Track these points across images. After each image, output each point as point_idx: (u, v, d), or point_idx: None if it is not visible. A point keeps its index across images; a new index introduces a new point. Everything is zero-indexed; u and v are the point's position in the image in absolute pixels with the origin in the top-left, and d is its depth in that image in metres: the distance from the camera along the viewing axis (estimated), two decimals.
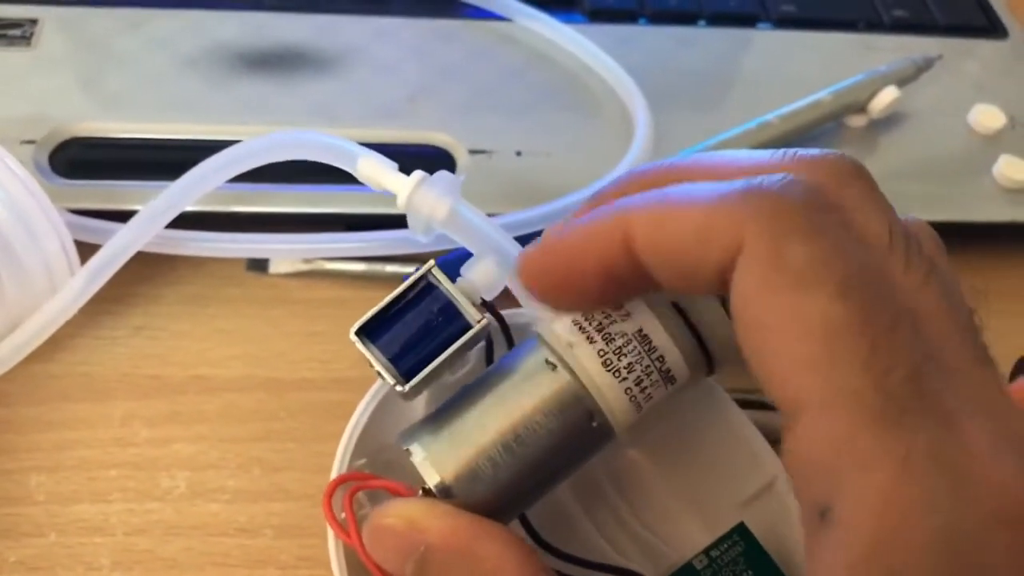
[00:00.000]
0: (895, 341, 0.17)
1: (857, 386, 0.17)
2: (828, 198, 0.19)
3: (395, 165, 0.28)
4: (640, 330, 0.22)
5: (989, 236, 0.39)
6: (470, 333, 0.23)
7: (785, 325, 0.18)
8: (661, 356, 0.22)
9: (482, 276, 0.24)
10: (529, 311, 0.25)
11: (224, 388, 0.33)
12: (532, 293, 0.22)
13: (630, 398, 0.22)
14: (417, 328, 0.23)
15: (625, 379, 0.22)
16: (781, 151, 0.21)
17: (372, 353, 0.22)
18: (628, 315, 0.22)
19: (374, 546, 0.22)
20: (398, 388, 0.22)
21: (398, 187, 0.27)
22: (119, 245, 0.32)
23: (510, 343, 0.25)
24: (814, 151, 0.21)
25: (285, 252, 0.35)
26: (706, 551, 0.24)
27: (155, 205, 0.32)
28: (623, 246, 0.20)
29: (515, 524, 0.24)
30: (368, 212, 0.35)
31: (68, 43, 0.40)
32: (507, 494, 0.22)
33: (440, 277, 0.23)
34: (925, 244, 0.20)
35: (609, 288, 0.21)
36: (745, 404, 0.27)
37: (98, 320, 0.34)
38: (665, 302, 0.23)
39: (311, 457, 0.31)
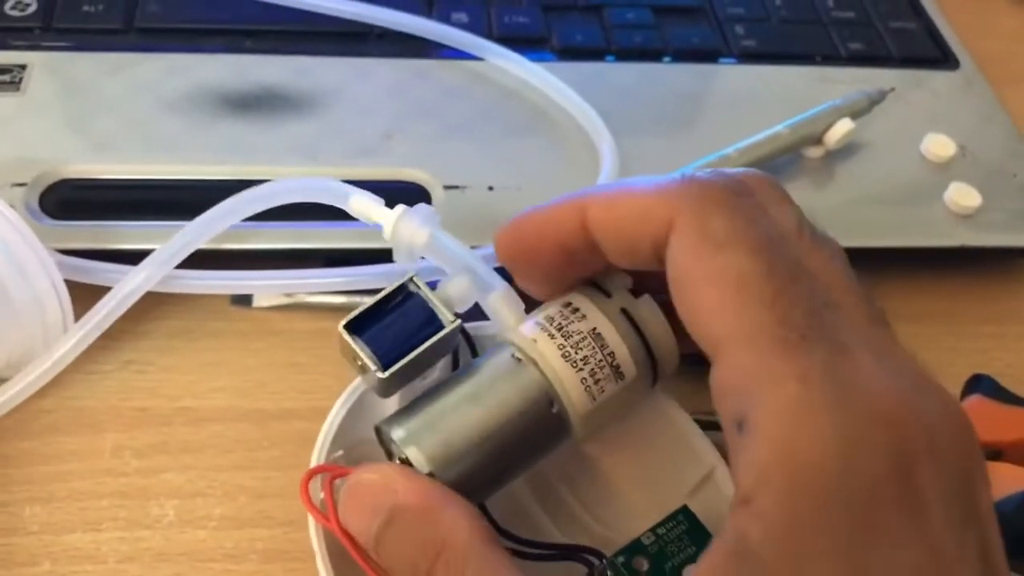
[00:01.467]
0: (796, 288, 0.22)
1: (764, 321, 0.21)
2: (746, 187, 0.24)
3: (382, 200, 0.32)
4: (594, 329, 0.26)
5: (940, 260, 0.41)
6: (445, 331, 0.26)
7: (707, 279, 0.22)
8: (612, 352, 0.26)
9: (456, 290, 0.27)
10: (497, 323, 0.28)
11: (210, 419, 0.34)
12: (504, 265, 0.27)
13: (585, 388, 0.25)
14: (398, 327, 0.26)
15: (581, 370, 0.25)
16: (709, 171, 0.25)
17: (357, 345, 0.25)
18: (584, 317, 0.26)
19: (349, 505, 0.24)
20: (378, 374, 0.25)
21: (384, 219, 0.31)
22: (126, 291, 0.34)
23: (474, 353, 0.28)
24: (736, 171, 0.25)
25: (269, 288, 0.36)
26: (652, 529, 0.27)
27: (161, 253, 0.34)
28: (579, 224, 0.25)
29: None
30: (347, 247, 0.37)
31: (56, 88, 0.41)
32: (477, 478, 0.25)
33: (420, 284, 0.27)
34: (828, 235, 0.24)
35: (565, 261, 0.26)
36: (707, 426, 0.29)
37: (88, 355, 0.35)
38: (616, 309, 0.26)
39: (294, 484, 0.32)
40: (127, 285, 0.34)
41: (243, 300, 0.38)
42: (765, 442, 0.20)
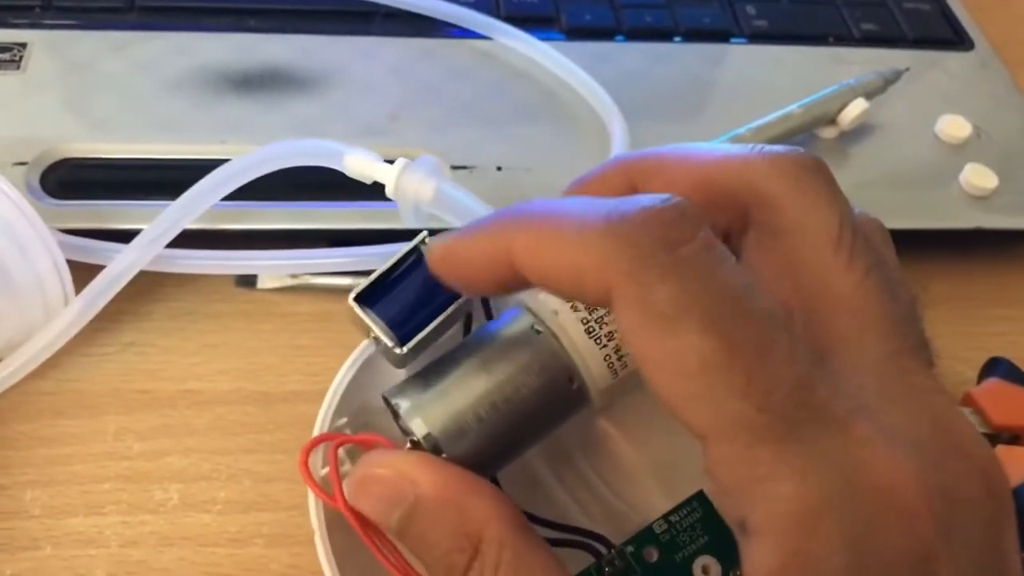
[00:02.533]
0: (769, 363, 0.18)
1: (742, 412, 0.18)
2: (688, 227, 0.19)
3: (380, 157, 0.29)
4: None
5: (956, 243, 0.40)
6: (464, 297, 0.24)
7: (666, 364, 0.19)
8: None
9: None
10: None
11: (214, 402, 0.34)
12: (439, 278, 0.23)
13: (608, 364, 0.24)
14: (411, 295, 0.24)
15: (605, 346, 0.24)
16: (750, 146, 0.23)
17: (370, 318, 0.24)
18: None
19: (359, 495, 0.23)
20: (396, 350, 0.23)
21: (385, 176, 0.28)
22: (119, 268, 0.33)
23: (488, 316, 0.27)
24: (777, 148, 0.22)
25: (273, 268, 0.36)
26: (665, 516, 0.26)
27: (155, 227, 0.33)
28: (508, 263, 0.21)
29: None
30: (351, 228, 0.36)
31: (57, 66, 0.41)
32: (489, 451, 0.23)
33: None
34: (873, 238, 0.21)
35: (503, 289, 0.23)
36: None
37: (89, 338, 0.34)
38: None
39: (299, 468, 0.32)
40: (128, 255, 0.33)
41: (247, 281, 0.37)
42: (771, 549, 0.18)
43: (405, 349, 0.24)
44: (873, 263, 0.20)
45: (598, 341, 0.24)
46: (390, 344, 0.24)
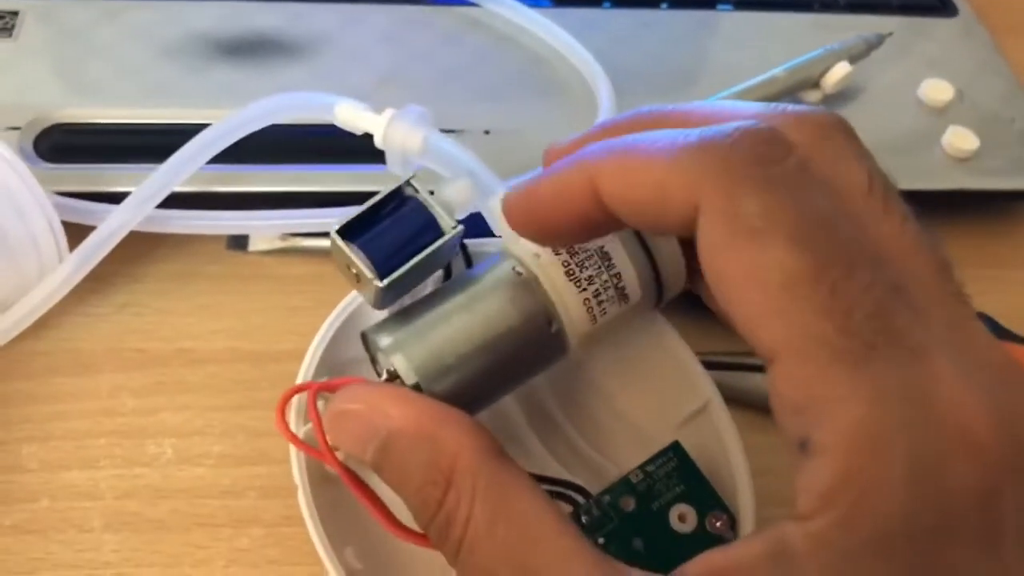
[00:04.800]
0: (855, 283, 0.18)
1: (821, 330, 0.18)
2: (781, 148, 0.20)
3: (369, 107, 0.30)
4: (602, 247, 0.24)
5: (938, 204, 0.41)
6: (445, 238, 0.24)
7: (748, 277, 0.19)
8: (618, 273, 0.25)
9: (456, 194, 0.25)
10: (499, 229, 0.26)
11: (207, 360, 0.34)
12: (519, 234, 0.24)
13: (587, 308, 0.24)
14: (394, 233, 0.24)
15: (585, 290, 0.24)
16: (772, 104, 0.22)
17: (352, 251, 0.24)
18: None
19: (334, 430, 0.23)
20: (375, 283, 0.23)
21: (373, 126, 0.29)
22: (113, 225, 0.34)
23: (468, 264, 0.27)
24: (800, 107, 0.22)
25: (264, 228, 0.36)
26: (642, 467, 0.26)
27: (146, 187, 0.33)
28: (592, 195, 0.22)
29: None
30: (342, 191, 0.37)
31: (49, 33, 0.41)
32: (468, 391, 0.24)
33: (418, 187, 0.24)
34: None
35: (585, 230, 0.23)
36: (710, 365, 0.29)
37: (83, 298, 0.35)
38: (627, 229, 0.24)
39: (276, 422, 0.33)
40: (120, 215, 0.34)
41: (239, 243, 0.37)
42: (830, 467, 0.18)
43: (385, 282, 0.23)
44: (908, 211, 0.21)
45: (578, 284, 0.24)
46: (369, 275, 0.23)
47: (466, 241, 0.27)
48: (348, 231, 0.24)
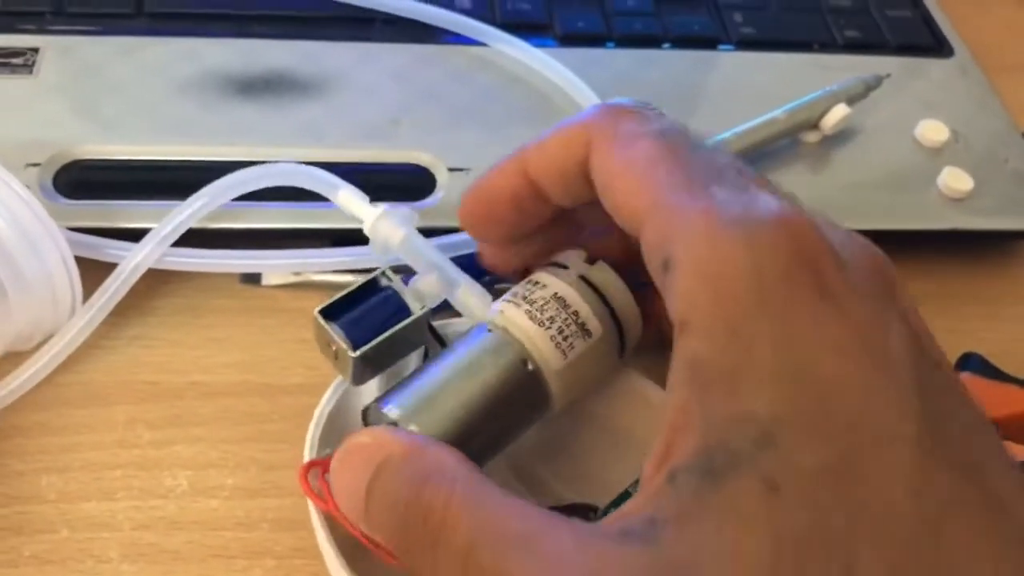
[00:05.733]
0: (697, 157, 0.25)
1: (673, 182, 0.24)
2: (651, 112, 0.27)
3: (367, 197, 0.34)
4: (556, 293, 0.28)
5: (933, 243, 0.42)
6: (414, 316, 0.28)
7: (622, 170, 0.25)
8: (575, 311, 0.28)
9: (426, 286, 0.30)
10: (468, 314, 0.30)
11: (220, 393, 0.35)
12: (467, 231, 0.30)
13: (556, 344, 0.27)
14: (370, 316, 0.28)
15: (549, 328, 0.28)
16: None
17: (332, 328, 0.28)
18: (545, 286, 0.28)
19: (343, 468, 0.25)
20: (350, 353, 0.27)
21: (365, 216, 0.33)
22: (132, 264, 0.35)
23: (442, 344, 0.30)
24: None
25: (278, 267, 0.37)
26: (637, 482, 0.27)
27: (163, 228, 0.35)
28: (523, 174, 0.28)
29: None
30: (354, 227, 0.37)
31: (68, 71, 0.42)
32: (465, 445, 0.25)
33: (392, 277, 0.29)
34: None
35: (518, 213, 0.29)
36: None
37: (95, 331, 0.35)
38: (574, 276, 0.29)
39: (302, 457, 0.34)
40: (136, 255, 0.35)
41: (252, 278, 0.38)
42: (687, 271, 0.22)
43: (358, 352, 0.27)
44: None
45: (541, 324, 0.28)
46: (345, 347, 0.27)
47: (434, 323, 0.30)
48: (329, 313, 0.28)
